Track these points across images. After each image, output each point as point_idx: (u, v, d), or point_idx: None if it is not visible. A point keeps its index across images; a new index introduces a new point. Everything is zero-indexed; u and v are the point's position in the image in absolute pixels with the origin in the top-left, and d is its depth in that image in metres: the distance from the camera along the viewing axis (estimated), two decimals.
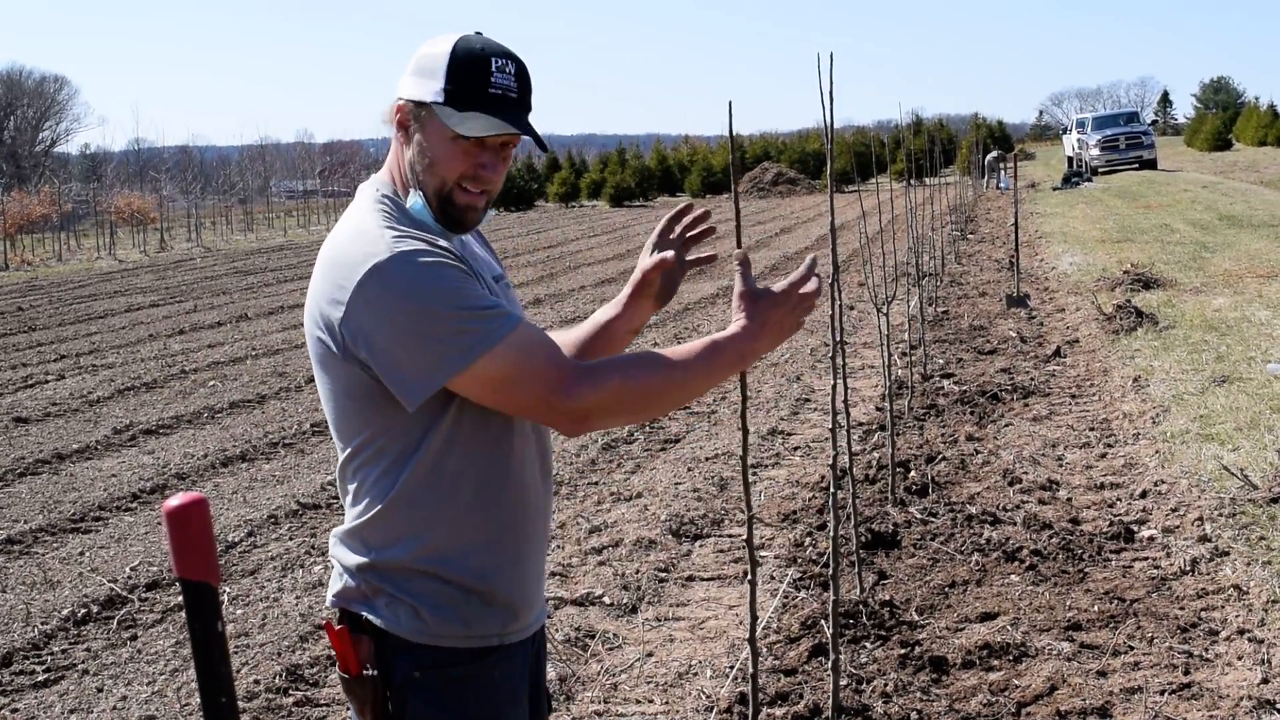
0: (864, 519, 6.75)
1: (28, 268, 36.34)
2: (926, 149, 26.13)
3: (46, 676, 5.58)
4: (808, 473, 8.22)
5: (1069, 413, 9.35)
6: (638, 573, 6.39)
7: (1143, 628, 5.19)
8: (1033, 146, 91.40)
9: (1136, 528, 6.51)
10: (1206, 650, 4.96)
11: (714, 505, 7.53)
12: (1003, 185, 41.40)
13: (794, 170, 55.18)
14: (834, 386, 4.31)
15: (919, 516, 6.84)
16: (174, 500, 1.45)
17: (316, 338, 2.35)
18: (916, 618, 5.50)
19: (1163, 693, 4.58)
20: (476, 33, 2.40)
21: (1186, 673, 4.76)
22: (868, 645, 5.25)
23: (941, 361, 11.62)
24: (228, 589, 6.54)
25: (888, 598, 5.68)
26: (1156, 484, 7.18)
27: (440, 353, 2.23)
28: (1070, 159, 50.45)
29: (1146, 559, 6.07)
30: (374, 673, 2.38)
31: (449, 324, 2.23)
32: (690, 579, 6.37)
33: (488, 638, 2.41)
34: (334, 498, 8.15)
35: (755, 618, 2.89)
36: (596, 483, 8.28)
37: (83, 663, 5.73)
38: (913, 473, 7.71)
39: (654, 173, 59.76)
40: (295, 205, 70.74)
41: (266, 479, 8.91)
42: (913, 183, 13.18)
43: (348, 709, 5.02)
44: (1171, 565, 5.91)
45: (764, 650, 5.24)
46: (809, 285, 2.47)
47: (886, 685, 4.79)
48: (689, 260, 2.80)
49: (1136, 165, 47.84)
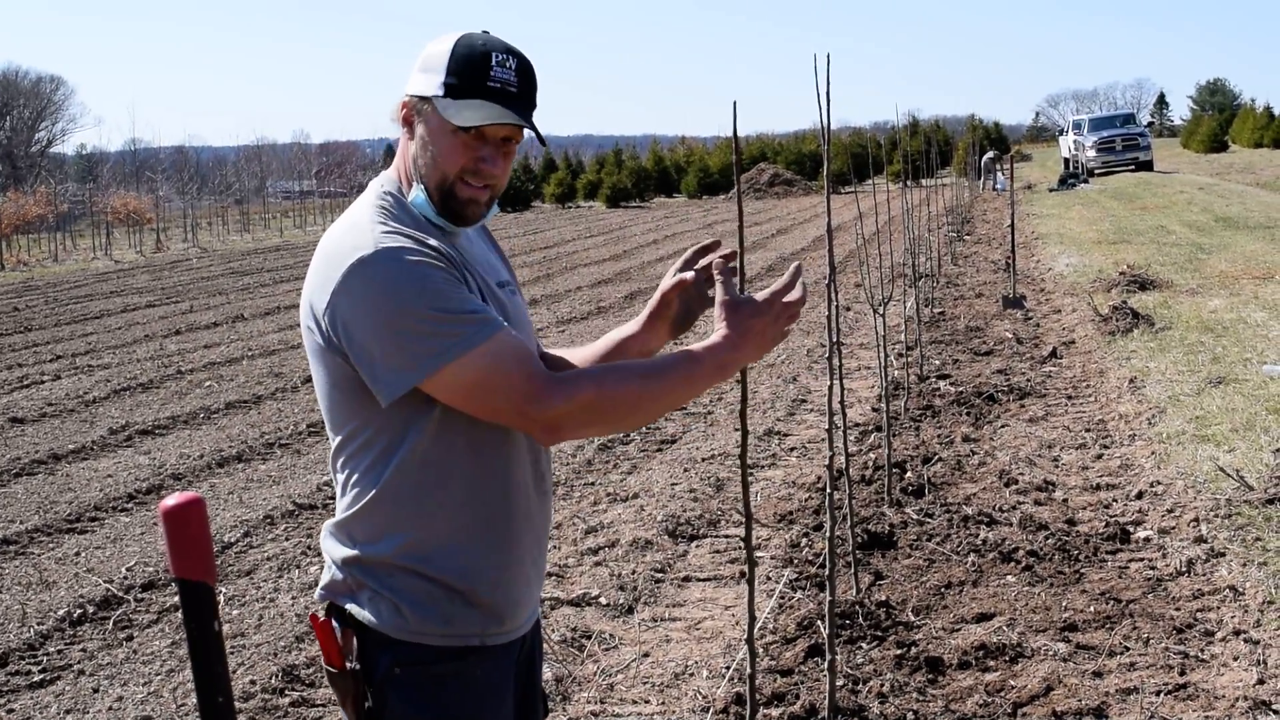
0: (860, 520, 6.75)
1: (24, 268, 36.34)
2: (923, 150, 26.15)
3: (42, 677, 5.58)
4: (804, 473, 8.23)
5: (1065, 414, 9.36)
6: (634, 573, 6.39)
7: (1139, 628, 5.19)
8: (1029, 148, 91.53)
9: (1132, 529, 6.51)
10: (1202, 651, 4.97)
11: (710, 506, 7.53)
12: (999, 186, 41.45)
13: (790, 171, 55.24)
14: (830, 387, 4.31)
15: (915, 517, 6.84)
16: (171, 500, 1.45)
17: (307, 328, 2.37)
18: (913, 618, 5.51)
19: (1158, 693, 4.59)
20: (483, 31, 2.41)
21: (1182, 673, 4.76)
22: (864, 646, 5.25)
23: (938, 362, 11.63)
24: (224, 589, 6.54)
25: (884, 598, 5.68)
26: (1152, 485, 7.19)
27: (414, 352, 2.23)
28: (1066, 160, 50.47)
29: (1142, 560, 6.08)
30: (356, 667, 2.38)
31: (425, 325, 2.23)
32: (686, 579, 6.38)
33: (469, 637, 2.40)
34: (330, 498, 8.15)
35: (753, 618, 2.89)
36: (593, 483, 8.28)
37: (79, 663, 5.72)
38: (909, 473, 7.71)
39: (650, 173, 59.81)
40: (292, 206, 70.82)
41: (263, 479, 8.91)
42: (909, 184, 13.17)
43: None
44: (1167, 566, 5.92)
45: (760, 651, 5.25)
46: (793, 294, 2.43)
47: (883, 686, 4.79)
48: (709, 294, 2.74)
49: (1133, 167, 47.89)
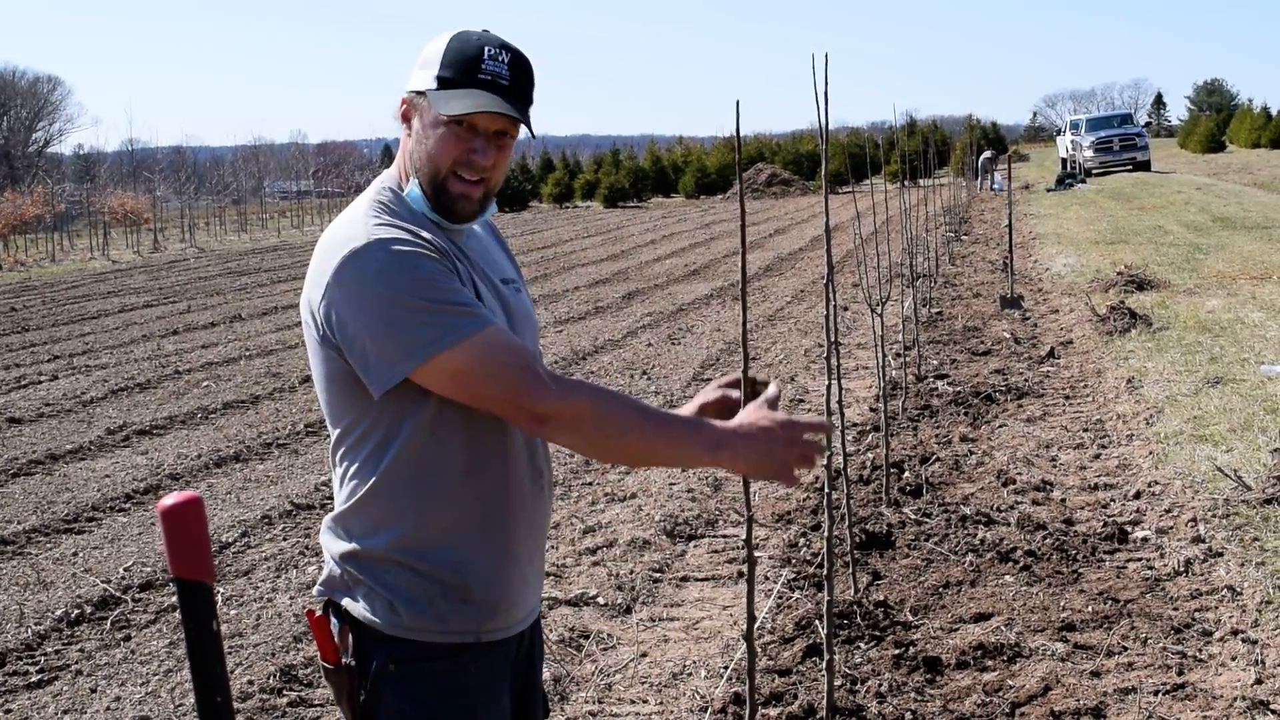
0: (858, 519, 6.75)
1: (21, 268, 36.30)
2: (920, 150, 26.14)
3: (40, 677, 5.57)
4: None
5: (1063, 414, 9.36)
6: (632, 573, 6.39)
7: (1136, 628, 5.19)
8: (1027, 148, 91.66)
9: (1130, 528, 6.51)
10: (1200, 651, 4.97)
11: (708, 505, 7.53)
12: (996, 187, 41.49)
13: (788, 171, 55.26)
14: (828, 387, 4.31)
15: (913, 517, 6.84)
16: (169, 499, 1.44)
17: (305, 322, 2.39)
18: (911, 618, 5.51)
19: (1156, 693, 4.59)
20: (482, 30, 2.43)
21: (1180, 673, 4.76)
22: (862, 646, 5.25)
23: (936, 362, 11.63)
24: (222, 589, 6.53)
25: (882, 598, 5.68)
26: (1150, 485, 7.19)
27: (404, 342, 2.24)
28: (1064, 160, 50.51)
29: (1140, 560, 6.08)
30: (351, 663, 2.39)
31: (416, 315, 2.24)
32: (684, 579, 6.37)
33: (463, 634, 2.40)
34: (328, 498, 8.14)
35: (753, 618, 2.89)
36: (591, 483, 8.28)
37: (76, 663, 5.71)
38: (907, 473, 7.71)
39: (648, 173, 59.80)
40: (289, 206, 70.77)
41: (260, 479, 8.90)
42: (907, 184, 13.18)
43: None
44: (1165, 566, 5.92)
45: (758, 650, 5.25)
46: (816, 435, 2.43)
47: (881, 686, 4.79)
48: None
49: (1130, 167, 47.95)
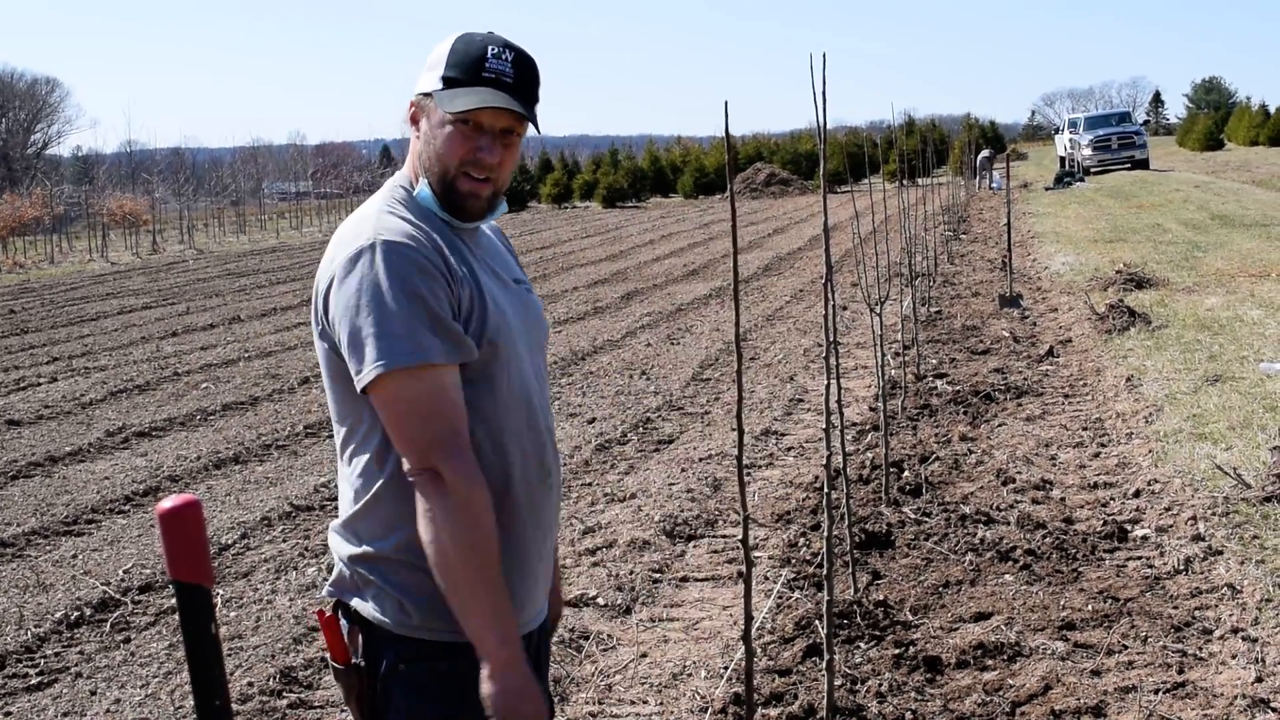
0: (858, 519, 6.75)
1: (20, 270, 36.29)
2: (919, 149, 26.17)
3: (40, 680, 5.57)
4: (801, 473, 8.22)
5: (1062, 412, 9.36)
6: (632, 574, 6.38)
7: (1137, 627, 5.19)
8: (1025, 147, 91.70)
9: (1130, 527, 6.51)
10: (1200, 649, 4.96)
11: (708, 506, 7.52)
12: (995, 185, 41.49)
13: (787, 171, 55.22)
14: (828, 387, 4.30)
15: (913, 516, 6.84)
16: (167, 502, 1.44)
17: (314, 318, 2.41)
18: (911, 618, 5.50)
19: (1157, 692, 4.59)
20: (489, 32, 2.45)
21: (1180, 672, 4.76)
22: (862, 645, 5.25)
23: (935, 361, 11.62)
24: (221, 591, 6.53)
25: (882, 598, 5.68)
26: (1150, 483, 7.19)
27: (378, 349, 2.26)
28: (1062, 159, 50.51)
29: (1140, 558, 6.08)
30: (361, 662, 2.40)
31: (394, 326, 2.25)
32: (684, 580, 6.37)
33: None
34: (327, 499, 8.14)
35: (750, 618, 2.89)
36: (590, 484, 8.28)
37: (76, 666, 5.71)
38: (906, 473, 7.71)
39: (647, 173, 59.78)
40: (288, 207, 70.76)
41: (259, 481, 8.90)
42: (905, 183, 13.19)
43: (342, 710, 5.02)
44: (1165, 564, 5.92)
45: (758, 651, 5.24)
46: None
47: (881, 685, 4.79)
48: None
49: (1129, 165, 47.93)
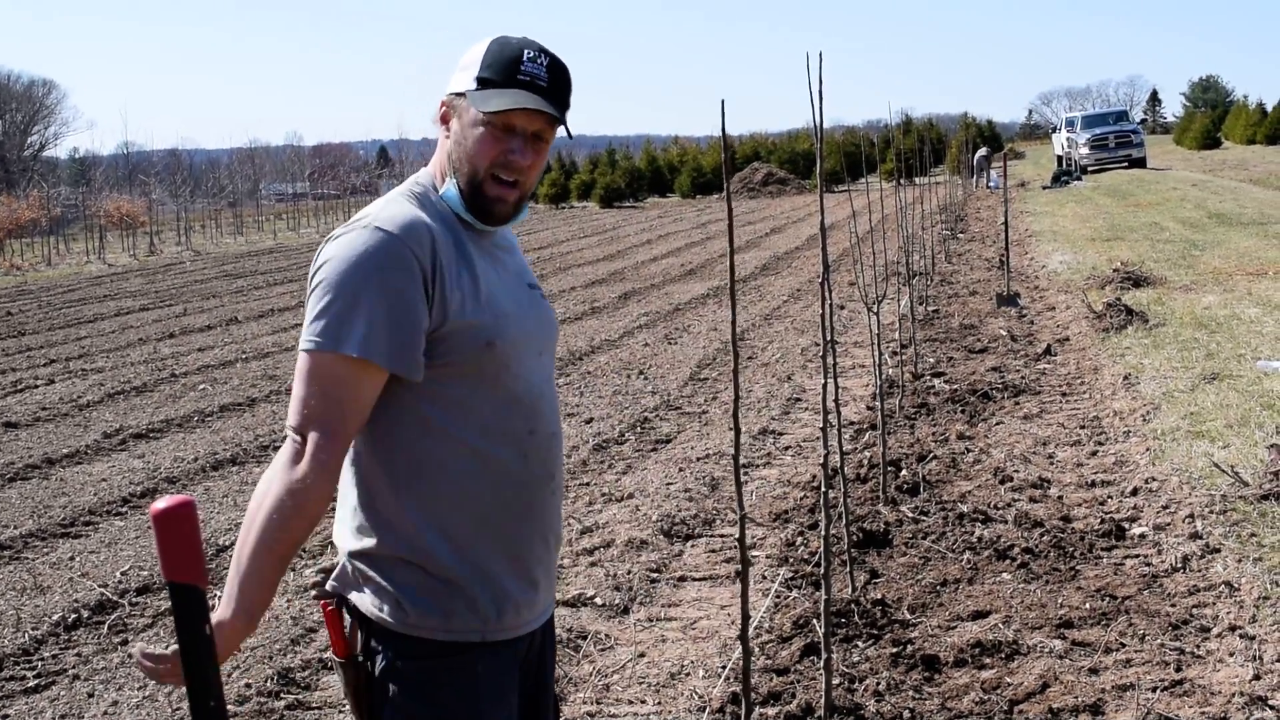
0: (855, 518, 6.75)
1: (16, 272, 36.24)
2: (916, 148, 26.18)
3: (37, 682, 5.56)
4: (799, 472, 8.22)
5: (1060, 411, 9.36)
6: (629, 573, 6.38)
7: (1134, 625, 5.19)
8: (1022, 145, 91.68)
9: (1128, 525, 6.52)
10: (1198, 647, 4.97)
11: (705, 505, 7.52)
12: (992, 184, 41.50)
13: (784, 170, 55.25)
14: (825, 386, 4.30)
15: (910, 515, 6.84)
16: (161, 503, 1.44)
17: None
18: (908, 616, 5.50)
19: (1155, 689, 4.59)
20: (522, 35, 2.48)
21: (1178, 669, 4.76)
22: (860, 644, 5.25)
23: (932, 360, 11.62)
24: (218, 592, 6.51)
25: (879, 596, 5.68)
26: (1147, 481, 7.19)
27: (312, 324, 2.31)
28: (1060, 158, 50.53)
29: (1138, 556, 6.08)
30: (360, 657, 2.41)
31: (348, 310, 2.28)
32: (682, 579, 6.37)
33: (468, 633, 2.41)
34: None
35: (747, 617, 2.89)
36: (588, 484, 8.27)
37: (73, 668, 5.70)
38: (904, 471, 7.71)
39: (644, 173, 59.81)
40: (285, 208, 70.69)
41: (257, 482, 8.88)
42: (903, 182, 13.21)
43: (340, 711, 5.02)
44: (1163, 562, 5.92)
45: (756, 650, 5.24)
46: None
47: (879, 684, 4.78)
48: None
49: (1126, 164, 47.95)
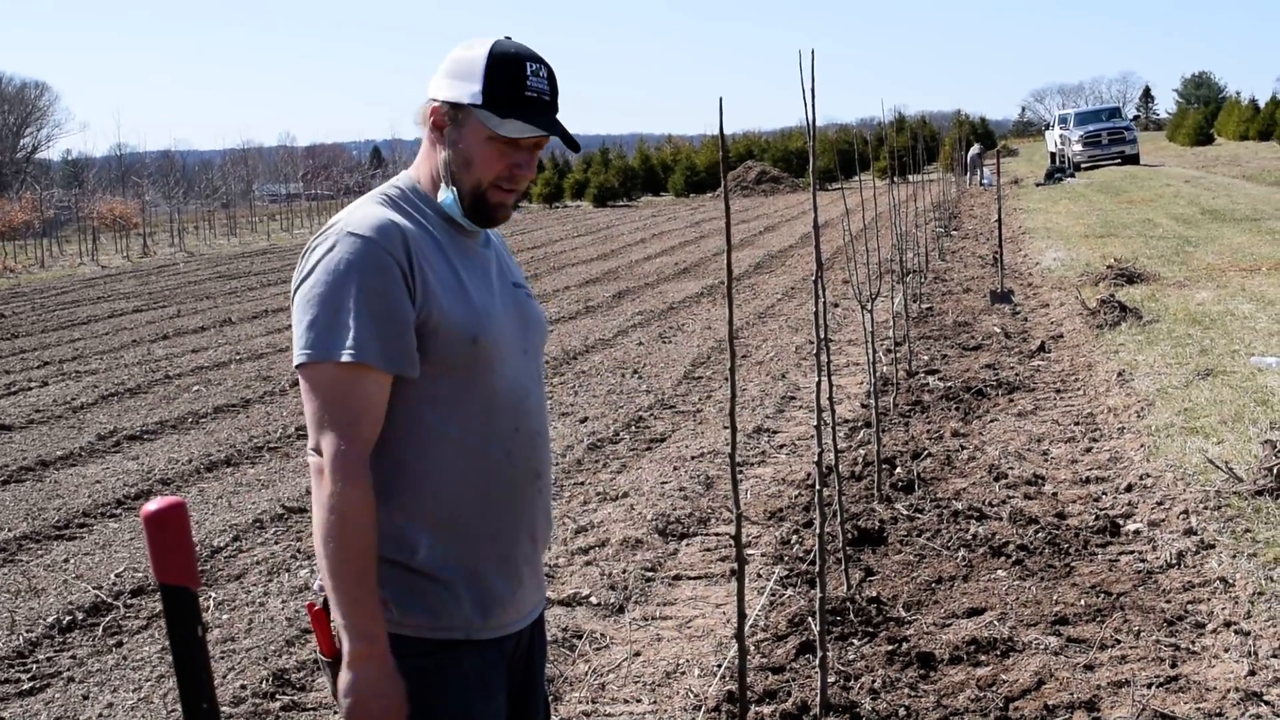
0: (850, 516, 6.75)
1: (10, 275, 36.18)
2: (909, 146, 26.17)
3: (32, 685, 5.55)
4: (794, 470, 8.22)
5: (1054, 408, 9.37)
6: (624, 572, 6.38)
7: (1129, 621, 5.20)
8: (1015, 143, 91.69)
9: (1122, 521, 6.52)
10: (1193, 643, 4.97)
11: (700, 504, 7.52)
12: (985, 182, 41.52)
13: (777, 169, 55.29)
14: (819, 384, 4.31)
15: (905, 513, 6.84)
16: (152, 504, 1.44)
17: None
18: (904, 614, 5.50)
19: (1150, 685, 4.59)
20: (506, 37, 2.47)
21: (1174, 665, 4.76)
22: (855, 642, 5.25)
23: (926, 358, 11.63)
24: (213, 594, 6.51)
25: (875, 594, 5.68)
26: (1142, 478, 7.19)
27: (303, 336, 2.30)
28: (1053, 155, 50.58)
29: (1132, 552, 6.08)
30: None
31: (334, 318, 2.28)
32: (677, 578, 6.37)
33: (454, 630, 2.42)
34: None
35: (743, 615, 2.89)
36: (583, 483, 8.27)
37: (68, 670, 5.69)
38: (898, 469, 7.71)
39: (638, 172, 59.81)
40: (279, 209, 70.63)
41: (251, 483, 8.88)
42: (896, 180, 13.21)
43: (334, 712, 5.01)
44: (1157, 558, 5.93)
45: (751, 648, 5.24)
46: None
47: (874, 682, 4.78)
48: None
49: (1119, 160, 48.03)
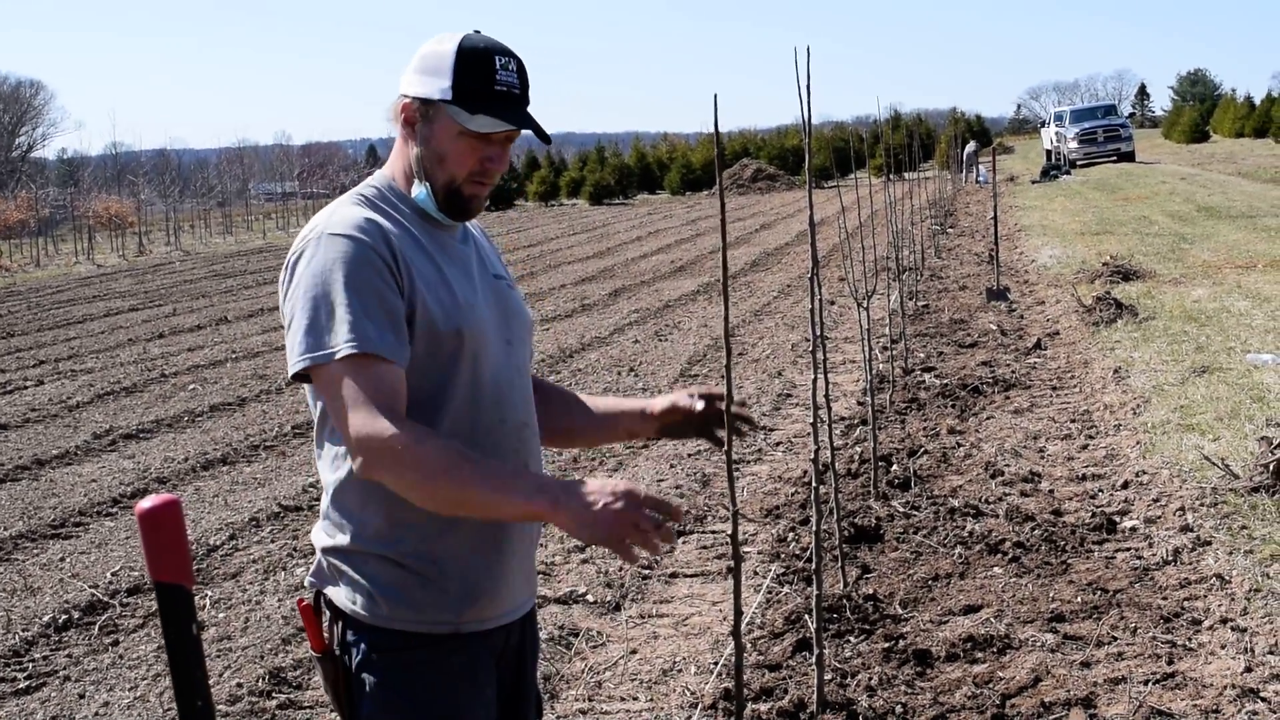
0: (847, 513, 6.75)
1: (5, 274, 36.13)
2: (905, 144, 26.15)
3: (28, 684, 5.54)
4: (790, 468, 8.23)
5: (1050, 405, 9.37)
6: (621, 570, 6.37)
7: (1126, 618, 5.20)
8: (1011, 140, 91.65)
9: (1118, 518, 6.52)
10: (1189, 640, 4.97)
11: (696, 501, 7.52)
12: (981, 179, 41.53)
13: (773, 166, 55.25)
14: (815, 381, 4.30)
15: (901, 510, 6.84)
16: (146, 502, 1.44)
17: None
18: (900, 611, 5.50)
19: (1146, 682, 4.59)
20: (475, 31, 2.46)
21: (1170, 662, 4.77)
22: (852, 639, 5.25)
23: (922, 355, 11.64)
24: (210, 593, 6.51)
25: (871, 592, 5.68)
26: (1138, 475, 7.20)
27: (302, 341, 2.28)
28: (1049, 152, 50.56)
29: (1129, 549, 6.09)
30: (337, 651, 2.43)
31: (322, 320, 2.27)
32: (674, 576, 6.37)
33: (440, 624, 2.42)
34: (315, 499, 8.12)
35: (740, 613, 2.88)
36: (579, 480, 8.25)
37: (64, 669, 5.68)
38: (895, 467, 7.71)
39: (633, 170, 59.77)
40: (274, 208, 70.54)
41: (248, 481, 8.87)
42: (892, 178, 13.18)
43: (331, 710, 5.00)
44: (1154, 555, 5.93)
45: (748, 646, 5.24)
46: (661, 515, 2.27)
47: (871, 679, 4.78)
48: (709, 429, 2.81)
49: (1115, 158, 48.05)
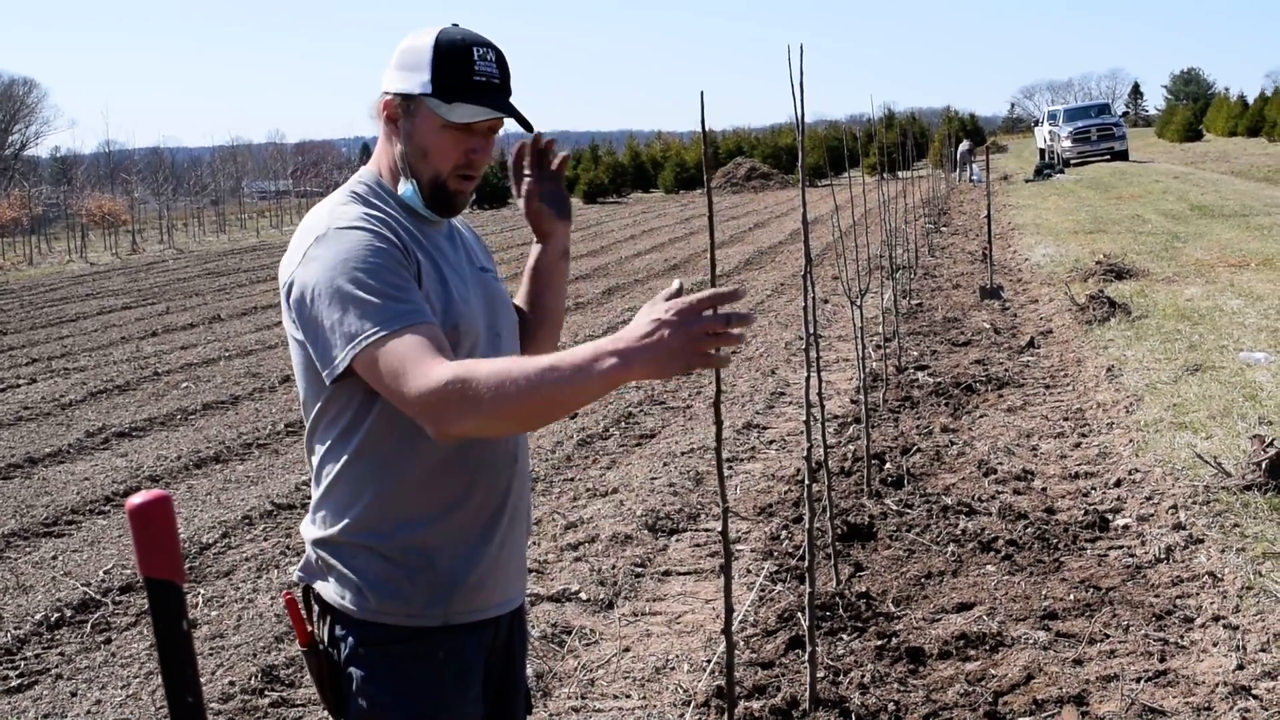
0: (840, 511, 6.75)
1: None
2: (899, 142, 26.18)
3: (20, 681, 5.53)
4: (783, 466, 8.23)
5: (1043, 403, 9.38)
6: (614, 568, 6.37)
7: (1118, 616, 5.21)
8: (1005, 139, 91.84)
9: (1111, 516, 6.53)
10: (1182, 637, 4.98)
11: (690, 500, 7.52)
12: (975, 178, 41.57)
13: (767, 165, 55.30)
14: (808, 379, 4.30)
15: (895, 508, 6.85)
16: (136, 498, 1.43)
17: (283, 312, 2.41)
18: (893, 609, 5.51)
19: (1139, 680, 4.60)
20: (453, 24, 2.46)
21: (1162, 660, 4.77)
22: (844, 637, 5.25)
23: (916, 354, 11.64)
24: (202, 591, 6.50)
25: (864, 589, 5.68)
26: (1131, 473, 7.21)
27: (344, 333, 2.25)
28: (1042, 151, 50.66)
29: (1121, 547, 6.10)
30: (324, 645, 2.43)
31: (358, 306, 2.25)
32: (667, 574, 6.37)
33: (428, 617, 2.42)
34: (308, 497, 8.09)
35: (731, 610, 2.89)
36: (572, 479, 8.26)
37: (56, 667, 5.68)
38: (888, 465, 7.72)
39: (627, 169, 59.76)
40: (268, 206, 70.49)
41: (240, 480, 8.86)
42: (885, 176, 13.21)
43: (324, 708, 5.01)
44: (1146, 553, 5.94)
45: (741, 643, 5.24)
46: (725, 308, 2.03)
47: (864, 677, 4.79)
48: (554, 171, 2.81)
49: (1108, 157, 48.12)
